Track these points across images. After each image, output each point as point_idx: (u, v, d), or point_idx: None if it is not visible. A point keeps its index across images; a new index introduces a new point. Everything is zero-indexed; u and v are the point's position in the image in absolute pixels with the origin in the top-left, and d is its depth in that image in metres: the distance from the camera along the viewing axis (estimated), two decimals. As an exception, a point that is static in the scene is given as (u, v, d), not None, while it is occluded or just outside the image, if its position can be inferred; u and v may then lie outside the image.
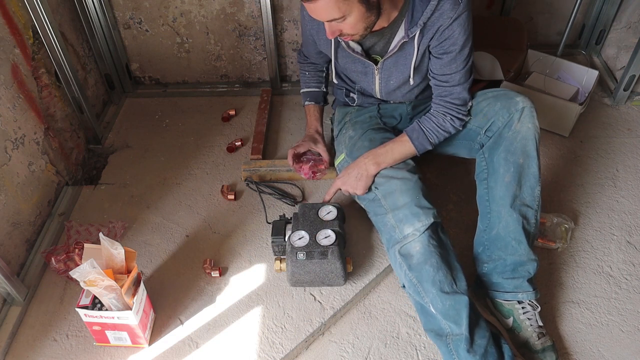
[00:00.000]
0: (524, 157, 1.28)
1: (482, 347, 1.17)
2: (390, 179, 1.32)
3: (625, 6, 2.00)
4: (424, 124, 1.36)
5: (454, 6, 1.19)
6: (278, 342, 1.27)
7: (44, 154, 1.57)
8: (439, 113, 1.35)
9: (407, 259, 1.23)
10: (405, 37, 1.25)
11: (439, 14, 1.20)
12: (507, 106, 1.30)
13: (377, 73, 1.38)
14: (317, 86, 1.62)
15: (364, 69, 1.39)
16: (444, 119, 1.34)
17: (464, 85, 1.31)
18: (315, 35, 1.42)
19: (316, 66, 1.62)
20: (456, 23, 1.21)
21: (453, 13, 1.19)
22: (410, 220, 1.24)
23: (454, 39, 1.23)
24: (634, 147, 1.78)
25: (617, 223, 1.55)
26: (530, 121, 1.28)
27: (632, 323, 1.32)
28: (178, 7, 1.89)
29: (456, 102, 1.33)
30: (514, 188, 1.28)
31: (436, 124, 1.35)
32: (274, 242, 1.39)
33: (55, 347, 1.28)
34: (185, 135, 1.87)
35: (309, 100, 1.64)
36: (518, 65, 1.92)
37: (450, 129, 1.35)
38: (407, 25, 1.24)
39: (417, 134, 1.36)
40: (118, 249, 1.17)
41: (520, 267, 1.28)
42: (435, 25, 1.22)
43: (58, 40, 1.54)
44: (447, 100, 1.33)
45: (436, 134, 1.35)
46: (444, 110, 1.34)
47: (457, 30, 1.21)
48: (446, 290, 1.19)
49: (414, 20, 1.22)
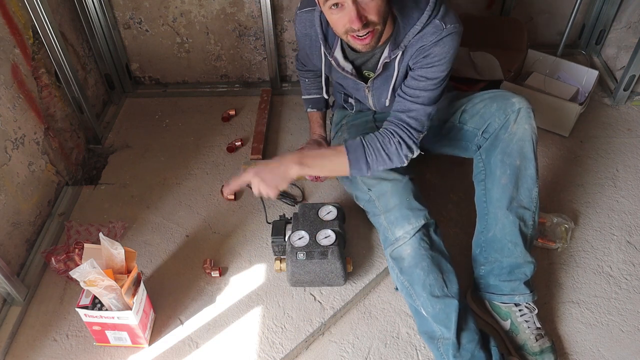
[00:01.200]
0: (520, 158, 1.27)
1: (469, 351, 1.17)
2: (381, 181, 1.31)
3: (625, 6, 2.00)
4: (366, 139, 1.24)
5: (436, 30, 1.17)
6: (278, 342, 1.27)
7: (44, 154, 1.57)
8: (387, 132, 1.23)
9: (399, 262, 1.24)
10: (387, 57, 1.24)
11: (419, 37, 1.19)
12: (503, 107, 1.28)
13: (369, 91, 1.38)
14: (318, 92, 1.62)
15: (355, 85, 1.39)
16: (390, 139, 1.22)
17: (427, 107, 1.22)
18: (308, 51, 1.40)
19: (315, 72, 1.60)
20: (437, 46, 1.18)
21: (435, 37, 1.18)
22: (400, 222, 1.24)
23: (430, 59, 1.20)
24: (634, 147, 1.78)
25: (617, 223, 1.55)
26: (527, 122, 1.26)
27: (632, 323, 1.32)
28: (178, 7, 1.89)
29: (411, 122, 1.22)
30: (511, 190, 1.27)
31: (380, 144, 1.22)
32: (274, 242, 1.39)
33: (55, 347, 1.28)
34: (185, 135, 1.87)
35: (311, 107, 1.65)
36: (518, 65, 1.92)
37: (394, 155, 1.22)
38: (390, 47, 1.23)
39: (355, 146, 1.23)
40: (118, 249, 1.18)
41: (517, 270, 1.28)
42: (416, 46, 1.21)
43: (58, 40, 1.54)
44: (403, 117, 1.23)
45: (376, 154, 1.22)
46: (394, 129, 1.22)
47: (436, 51, 1.19)
48: (436, 294, 1.19)
49: (397, 42, 1.22)
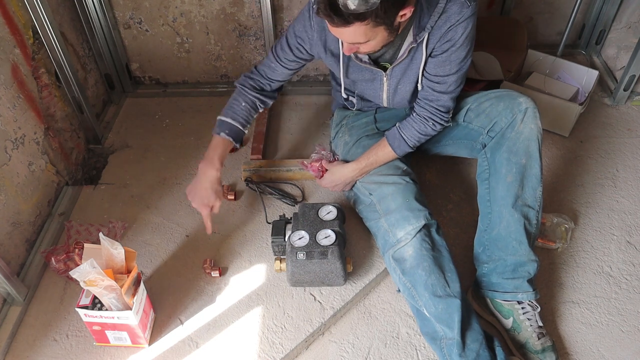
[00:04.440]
0: (526, 157, 1.28)
1: (474, 351, 1.17)
2: (381, 185, 1.33)
3: (625, 6, 2.00)
4: (404, 132, 1.36)
5: (461, 9, 1.19)
6: (278, 342, 1.27)
7: (44, 154, 1.57)
8: (422, 118, 1.34)
9: (401, 264, 1.24)
10: (413, 42, 1.25)
11: (445, 17, 1.20)
12: (510, 107, 1.30)
13: (386, 80, 1.38)
14: (243, 124, 1.44)
15: (372, 76, 1.38)
16: (426, 124, 1.34)
17: (451, 94, 1.31)
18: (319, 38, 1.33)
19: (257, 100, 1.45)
20: (461, 26, 1.20)
21: (459, 16, 1.19)
22: (401, 224, 1.24)
23: (454, 40, 1.22)
24: (634, 147, 1.78)
25: (617, 223, 1.55)
26: (533, 122, 1.28)
27: (632, 323, 1.32)
28: (178, 7, 1.89)
29: (441, 109, 1.33)
30: (516, 188, 1.29)
31: (417, 131, 1.35)
32: (274, 242, 1.39)
33: (55, 347, 1.28)
34: (185, 135, 1.87)
35: (228, 134, 1.41)
36: (518, 65, 1.92)
37: (431, 132, 1.36)
38: (415, 31, 1.23)
39: (398, 142, 1.36)
40: (118, 249, 1.17)
41: (521, 268, 1.28)
42: (442, 28, 1.22)
43: (58, 40, 1.54)
44: (433, 105, 1.33)
45: (417, 139, 1.36)
46: (427, 115, 1.34)
47: (460, 32, 1.21)
48: (439, 293, 1.19)
49: (422, 25, 1.22)
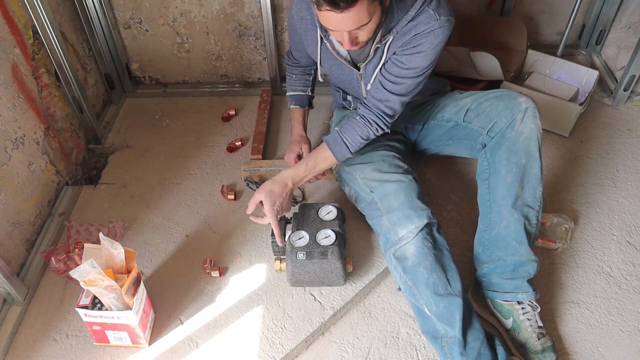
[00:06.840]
0: (526, 157, 1.28)
1: (475, 349, 1.17)
2: (383, 183, 1.32)
3: (625, 6, 2.00)
4: (346, 136, 1.33)
5: (429, 20, 1.18)
6: (278, 342, 1.27)
7: (44, 154, 1.57)
8: (366, 121, 1.31)
9: (402, 262, 1.24)
10: (378, 42, 1.25)
11: (412, 25, 1.20)
12: (510, 107, 1.30)
13: (361, 79, 1.38)
14: (303, 90, 1.61)
15: (350, 73, 1.39)
16: (369, 128, 1.31)
17: (402, 97, 1.29)
18: (303, 35, 1.40)
19: (304, 69, 1.61)
20: (430, 35, 1.19)
21: (426, 26, 1.19)
22: (403, 222, 1.24)
23: (419, 48, 1.22)
24: (634, 147, 1.78)
25: (617, 223, 1.55)
26: (533, 122, 1.28)
27: (632, 323, 1.33)
28: (178, 7, 1.89)
29: (387, 111, 1.30)
30: (516, 188, 1.28)
31: (360, 135, 1.32)
32: (274, 242, 1.39)
33: (55, 347, 1.28)
34: (185, 135, 1.87)
35: (294, 103, 1.62)
36: (518, 65, 1.93)
37: (372, 137, 1.34)
38: (382, 32, 1.23)
39: (339, 147, 1.34)
40: (118, 249, 1.17)
41: (520, 268, 1.28)
42: (407, 35, 1.21)
43: (58, 40, 1.54)
44: (380, 106, 1.30)
45: (358, 144, 1.33)
46: (372, 118, 1.31)
47: (428, 41, 1.20)
48: (440, 292, 1.19)
49: (389, 28, 1.22)
